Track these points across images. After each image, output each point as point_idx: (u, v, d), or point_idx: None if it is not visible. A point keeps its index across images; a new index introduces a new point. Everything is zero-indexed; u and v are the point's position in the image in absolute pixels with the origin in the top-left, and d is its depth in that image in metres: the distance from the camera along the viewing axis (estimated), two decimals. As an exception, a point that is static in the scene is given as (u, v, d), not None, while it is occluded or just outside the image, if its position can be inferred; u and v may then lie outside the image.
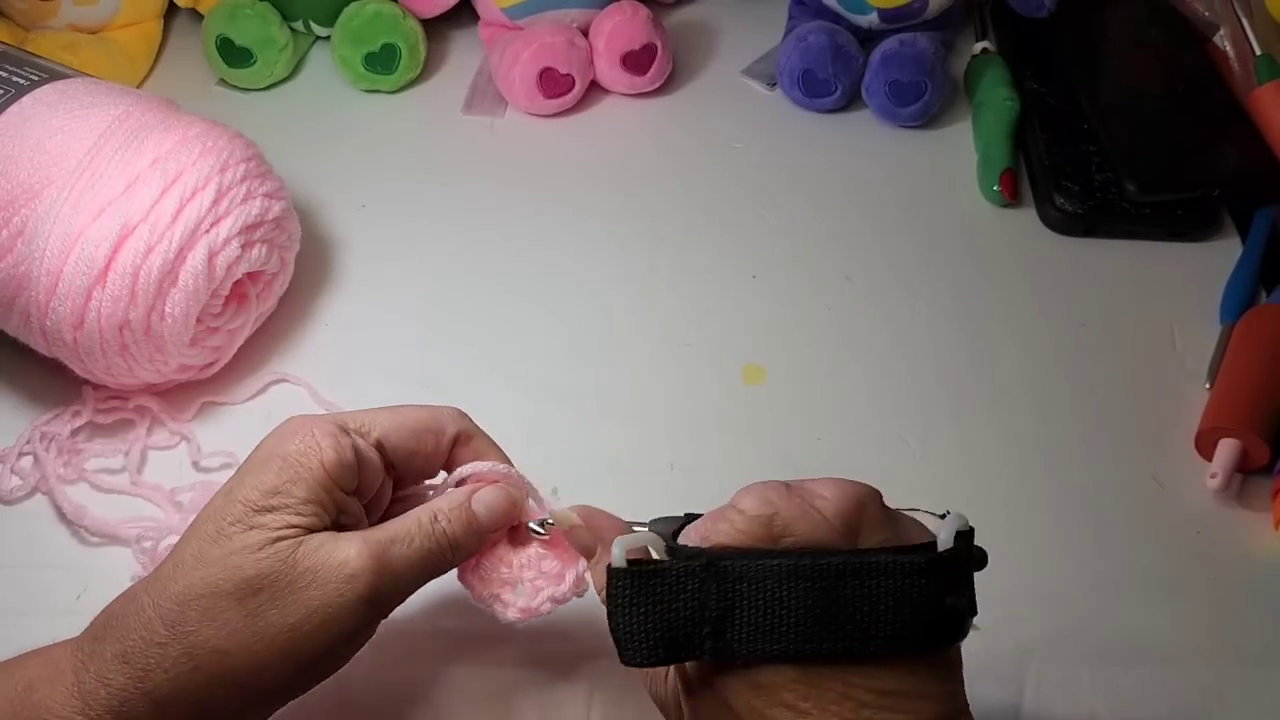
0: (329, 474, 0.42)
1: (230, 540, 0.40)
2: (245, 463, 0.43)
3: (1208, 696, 0.52)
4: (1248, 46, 0.74)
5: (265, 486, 0.41)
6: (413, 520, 0.43)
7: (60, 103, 0.57)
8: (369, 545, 0.41)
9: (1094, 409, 0.62)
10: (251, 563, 0.40)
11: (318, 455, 0.42)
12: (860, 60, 0.75)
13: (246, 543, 0.40)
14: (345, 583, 0.40)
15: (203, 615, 0.40)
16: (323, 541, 0.41)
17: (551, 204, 0.71)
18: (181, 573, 0.40)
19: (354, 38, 0.75)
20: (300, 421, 0.43)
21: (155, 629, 0.40)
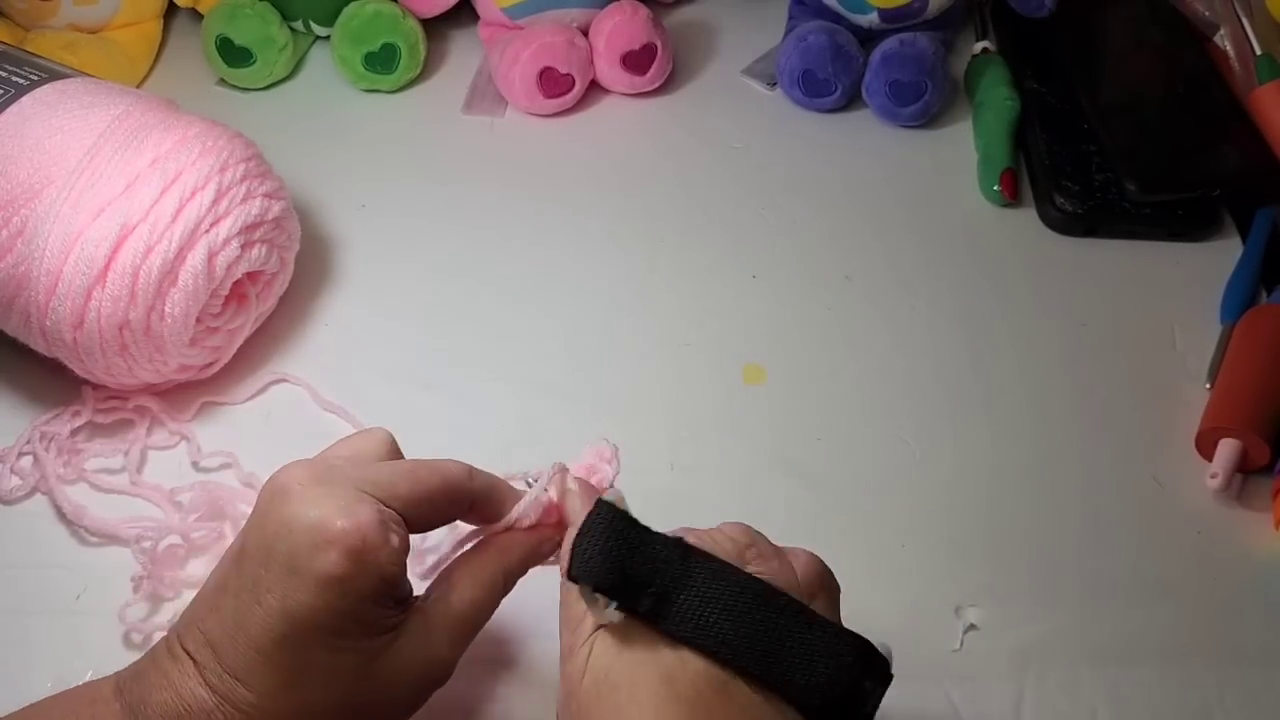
0: (389, 585, 0.41)
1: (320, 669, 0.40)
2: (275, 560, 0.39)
3: (1208, 696, 0.52)
4: (1248, 46, 0.74)
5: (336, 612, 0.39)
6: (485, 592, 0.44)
7: (60, 103, 0.57)
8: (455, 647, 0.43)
9: (1094, 409, 0.62)
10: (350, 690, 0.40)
11: (378, 572, 0.40)
12: (860, 60, 0.75)
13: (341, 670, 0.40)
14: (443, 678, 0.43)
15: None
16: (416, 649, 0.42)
17: (551, 204, 0.71)
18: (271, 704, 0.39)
19: (354, 37, 0.75)
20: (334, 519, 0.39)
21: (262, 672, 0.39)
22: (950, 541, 0.57)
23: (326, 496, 0.40)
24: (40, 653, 0.51)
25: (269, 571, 0.39)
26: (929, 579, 0.55)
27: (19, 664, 0.49)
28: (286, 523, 0.39)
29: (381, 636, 0.41)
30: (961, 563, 0.56)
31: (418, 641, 0.42)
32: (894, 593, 0.54)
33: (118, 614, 0.51)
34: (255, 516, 0.41)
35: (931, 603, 0.54)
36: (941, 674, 0.52)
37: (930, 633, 0.53)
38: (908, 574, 0.55)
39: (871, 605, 0.43)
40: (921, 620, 0.53)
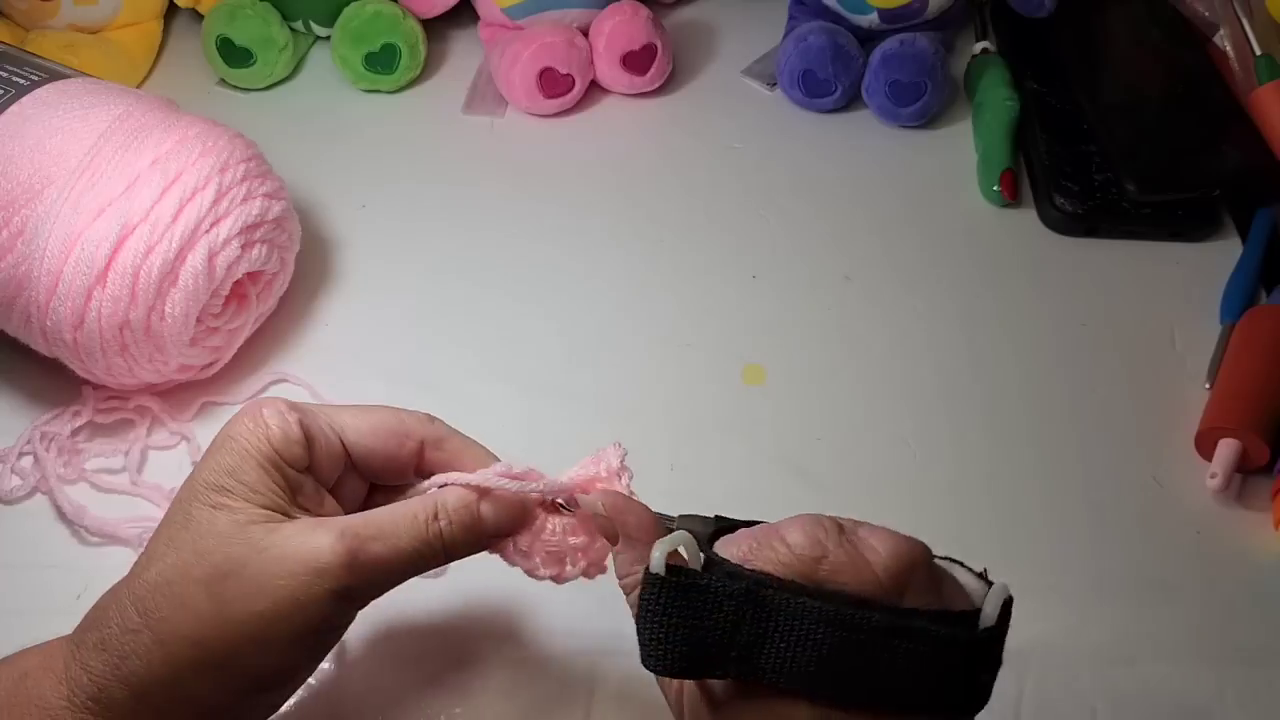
0: (276, 450, 0.41)
1: (198, 524, 0.40)
2: (208, 448, 0.42)
3: (1208, 696, 0.52)
4: (1248, 47, 0.74)
5: (220, 467, 0.41)
6: (405, 514, 0.41)
7: (60, 103, 0.57)
8: (345, 539, 0.39)
9: (1094, 409, 0.62)
10: (218, 548, 0.39)
11: (264, 432, 0.41)
12: (860, 60, 0.75)
13: (215, 527, 0.40)
14: (315, 575, 0.39)
15: (172, 601, 0.39)
16: (298, 530, 0.40)
17: (551, 204, 0.71)
18: (154, 559, 0.40)
19: (354, 38, 0.75)
20: (253, 403, 0.42)
21: (129, 616, 0.39)
22: (950, 541, 0.56)
23: (268, 400, 0.43)
24: (40, 653, 0.51)
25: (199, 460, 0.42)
26: (929, 579, 0.55)
27: (19, 664, 0.49)
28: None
29: (261, 509, 0.40)
30: (961, 563, 0.56)
31: (305, 524, 0.40)
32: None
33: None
34: None
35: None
36: (941, 674, 0.52)
37: (930, 633, 0.53)
38: (908, 574, 0.55)
39: (871, 605, 0.43)
40: (921, 620, 0.53)
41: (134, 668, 0.39)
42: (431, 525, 0.41)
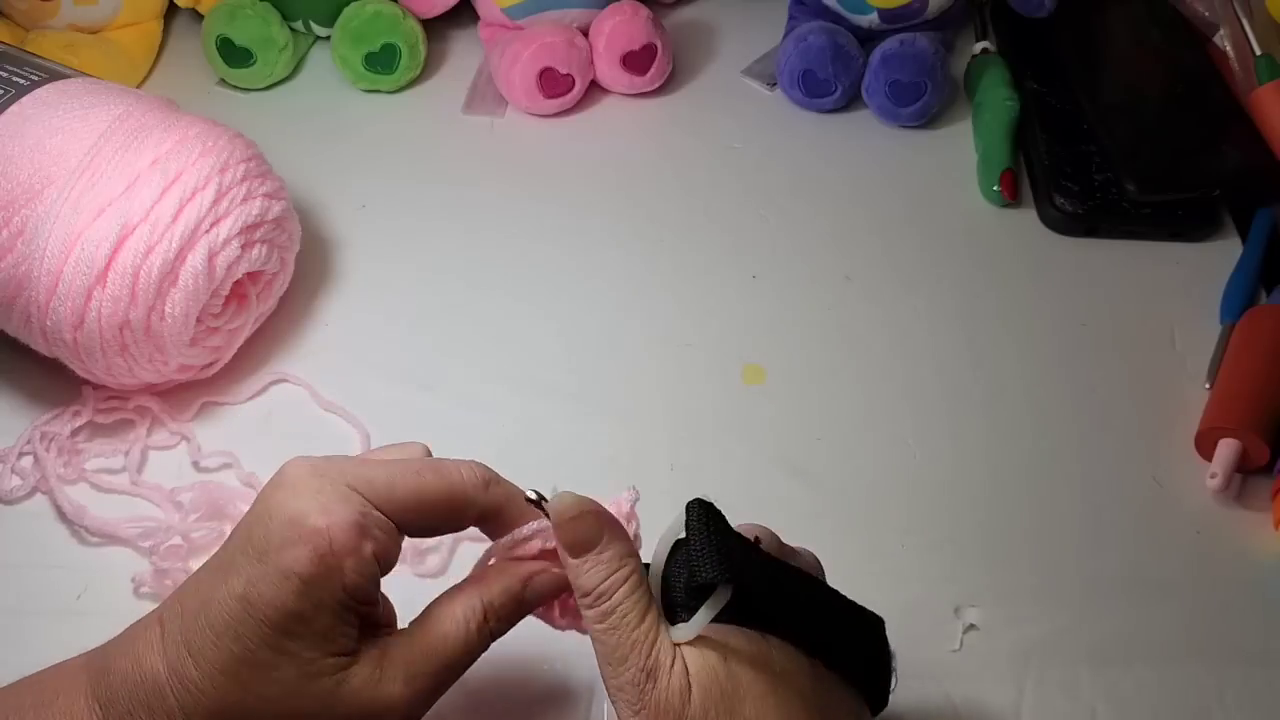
0: (352, 597, 0.39)
1: (264, 667, 0.38)
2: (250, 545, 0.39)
3: (1208, 696, 0.52)
4: (1248, 47, 0.74)
5: (288, 610, 0.38)
6: (455, 631, 0.41)
7: (60, 103, 0.57)
8: (412, 685, 0.39)
9: (1094, 409, 0.62)
10: (286, 698, 0.38)
11: (339, 579, 0.38)
12: (860, 60, 0.75)
13: (281, 674, 0.38)
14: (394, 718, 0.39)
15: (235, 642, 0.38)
16: (366, 682, 0.39)
17: (551, 204, 0.71)
18: (212, 688, 0.38)
19: (354, 37, 0.75)
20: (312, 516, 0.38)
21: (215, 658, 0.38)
22: (950, 541, 0.57)
23: (314, 490, 0.39)
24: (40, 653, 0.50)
25: (243, 555, 0.39)
26: (929, 579, 0.55)
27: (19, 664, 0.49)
28: (270, 509, 0.39)
29: (331, 657, 0.39)
30: (961, 563, 0.56)
31: (368, 673, 0.39)
32: (894, 593, 0.53)
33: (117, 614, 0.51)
34: (254, 501, 0.40)
35: (931, 603, 0.54)
36: (941, 674, 0.52)
37: (930, 633, 0.53)
38: (908, 574, 0.55)
39: (871, 605, 0.43)
40: (921, 620, 0.53)
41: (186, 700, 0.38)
42: (482, 629, 0.41)
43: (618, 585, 0.39)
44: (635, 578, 0.39)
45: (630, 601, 0.39)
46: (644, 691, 0.38)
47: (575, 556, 0.40)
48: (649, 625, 0.38)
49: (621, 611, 0.39)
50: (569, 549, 0.40)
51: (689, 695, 0.37)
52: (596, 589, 0.39)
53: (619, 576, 0.39)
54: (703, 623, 0.38)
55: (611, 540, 0.40)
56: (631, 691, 0.38)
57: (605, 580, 0.39)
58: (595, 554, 0.40)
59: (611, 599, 0.39)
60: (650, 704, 0.37)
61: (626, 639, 0.38)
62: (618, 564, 0.39)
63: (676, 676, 0.38)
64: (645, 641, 0.38)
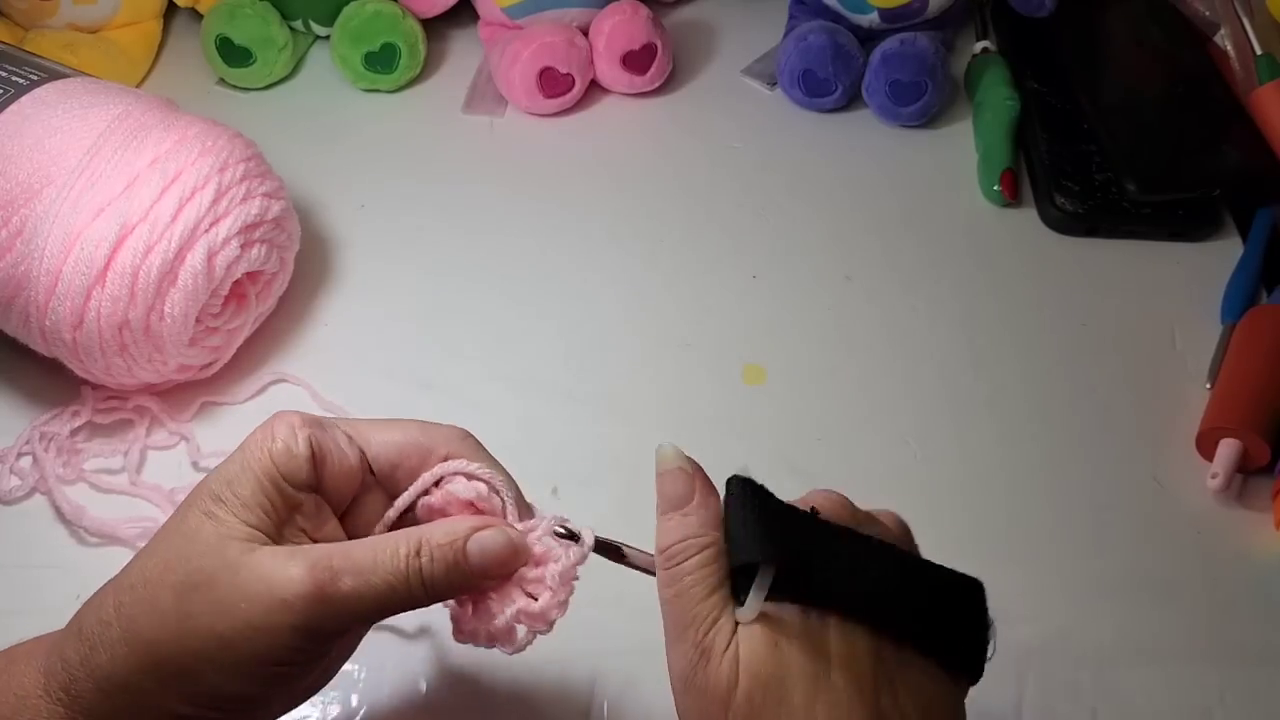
0: (276, 465, 0.39)
1: (188, 528, 0.39)
2: None
3: (1208, 696, 0.52)
4: (1248, 46, 0.74)
5: (223, 475, 0.40)
6: (385, 548, 0.39)
7: (60, 103, 0.57)
8: (315, 571, 0.37)
9: (1094, 409, 0.62)
10: (195, 557, 0.38)
11: (268, 446, 0.40)
12: (860, 60, 0.75)
13: (200, 535, 0.38)
14: (278, 605, 0.37)
15: (142, 600, 0.38)
16: (273, 555, 0.38)
17: (551, 204, 0.71)
18: (143, 554, 0.39)
19: (354, 37, 0.75)
20: (274, 415, 0.41)
21: (106, 608, 0.39)
22: (950, 541, 0.56)
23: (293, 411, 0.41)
24: (40, 653, 0.51)
25: None
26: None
27: (18, 664, 0.49)
28: None
29: (251, 529, 0.39)
30: (962, 563, 0.56)
31: (281, 551, 0.38)
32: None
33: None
34: None
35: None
36: (942, 674, 0.52)
37: (930, 633, 0.53)
38: (908, 574, 0.55)
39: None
40: (922, 620, 0.53)
41: (100, 662, 0.38)
42: (412, 561, 0.39)
43: (691, 552, 0.39)
44: (711, 551, 0.39)
45: (700, 574, 0.38)
46: (695, 670, 0.37)
47: (662, 513, 0.40)
48: (714, 603, 0.38)
49: (690, 581, 0.38)
50: (660, 502, 0.40)
51: (736, 681, 0.37)
52: (670, 548, 0.39)
53: (695, 543, 0.39)
54: (757, 605, 0.37)
55: (700, 507, 0.40)
56: (685, 667, 0.37)
57: (680, 542, 0.39)
58: (680, 514, 0.39)
59: (683, 565, 0.38)
60: (699, 683, 0.37)
61: (688, 611, 0.38)
62: (698, 530, 0.39)
63: (728, 661, 0.37)
64: (707, 618, 0.38)
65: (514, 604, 0.41)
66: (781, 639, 0.37)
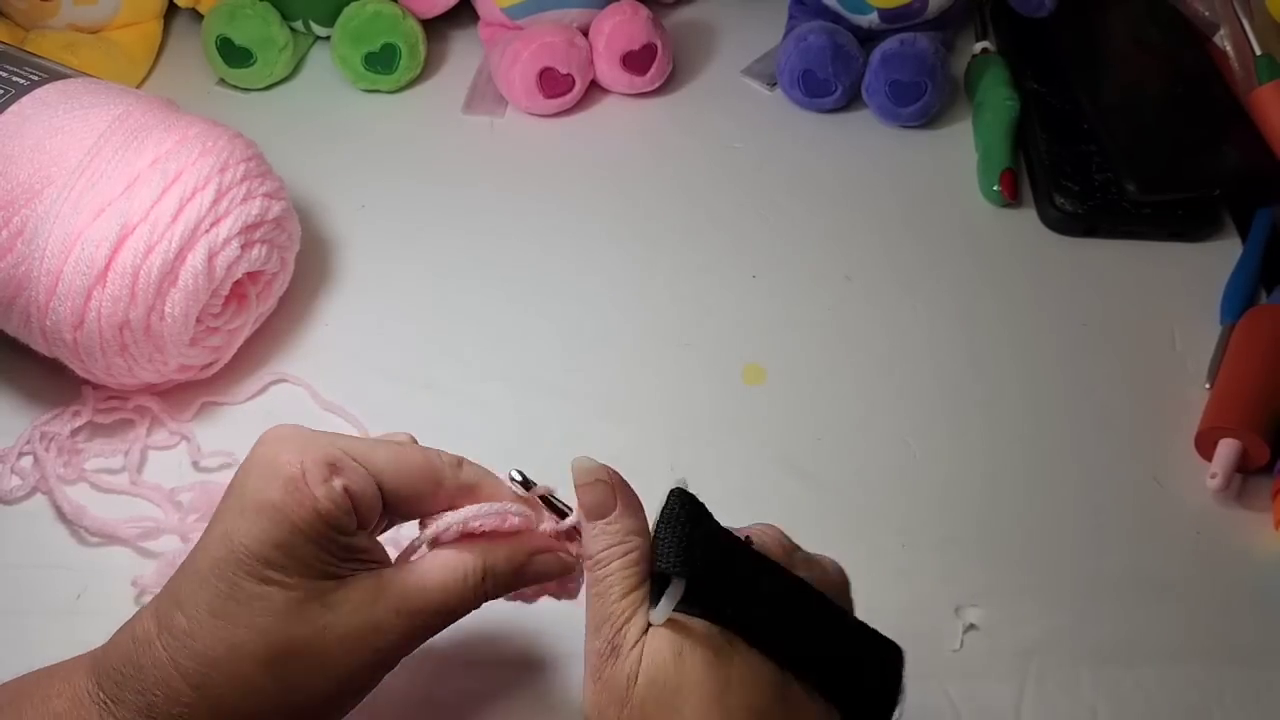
0: (327, 524, 0.39)
1: (249, 598, 0.38)
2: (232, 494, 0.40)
3: (1208, 696, 0.52)
4: (1248, 46, 0.74)
5: (267, 539, 0.39)
6: (456, 579, 0.42)
7: (60, 103, 0.57)
8: (403, 616, 0.40)
9: (1094, 409, 0.62)
10: (278, 626, 0.38)
11: (311, 504, 0.39)
12: (860, 60, 0.75)
13: (270, 604, 0.38)
14: (377, 653, 0.40)
15: (231, 680, 0.38)
16: (358, 606, 0.40)
17: (551, 204, 0.71)
18: (199, 630, 0.38)
19: (354, 37, 0.75)
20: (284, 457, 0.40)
21: (179, 689, 0.38)
22: (950, 541, 0.57)
23: (292, 438, 0.41)
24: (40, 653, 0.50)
25: (224, 505, 0.40)
26: (929, 579, 0.55)
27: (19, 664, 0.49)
28: (250, 462, 0.41)
29: (319, 580, 0.39)
30: (961, 563, 0.56)
31: (362, 598, 0.40)
32: (894, 593, 0.54)
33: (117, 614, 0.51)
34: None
35: (931, 603, 0.54)
36: (941, 674, 0.52)
37: (930, 633, 0.53)
38: (908, 574, 0.55)
39: (871, 605, 0.43)
40: (921, 620, 0.53)
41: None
42: (479, 589, 0.42)
43: (614, 557, 0.41)
44: (634, 555, 0.41)
45: (619, 575, 0.40)
46: (604, 664, 0.39)
47: (590, 520, 0.42)
48: (629, 602, 0.40)
49: (610, 582, 0.40)
50: (585, 512, 0.42)
51: (634, 681, 0.38)
52: (596, 555, 0.41)
53: (618, 549, 0.41)
54: (666, 611, 0.39)
55: (622, 515, 0.41)
56: (596, 661, 0.40)
57: (605, 549, 0.41)
58: (605, 523, 0.41)
59: (606, 568, 0.41)
60: (605, 679, 0.39)
61: (605, 609, 0.40)
62: (620, 538, 0.41)
63: (631, 661, 0.39)
64: (620, 616, 0.39)
65: None
66: (686, 649, 0.39)
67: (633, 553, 0.41)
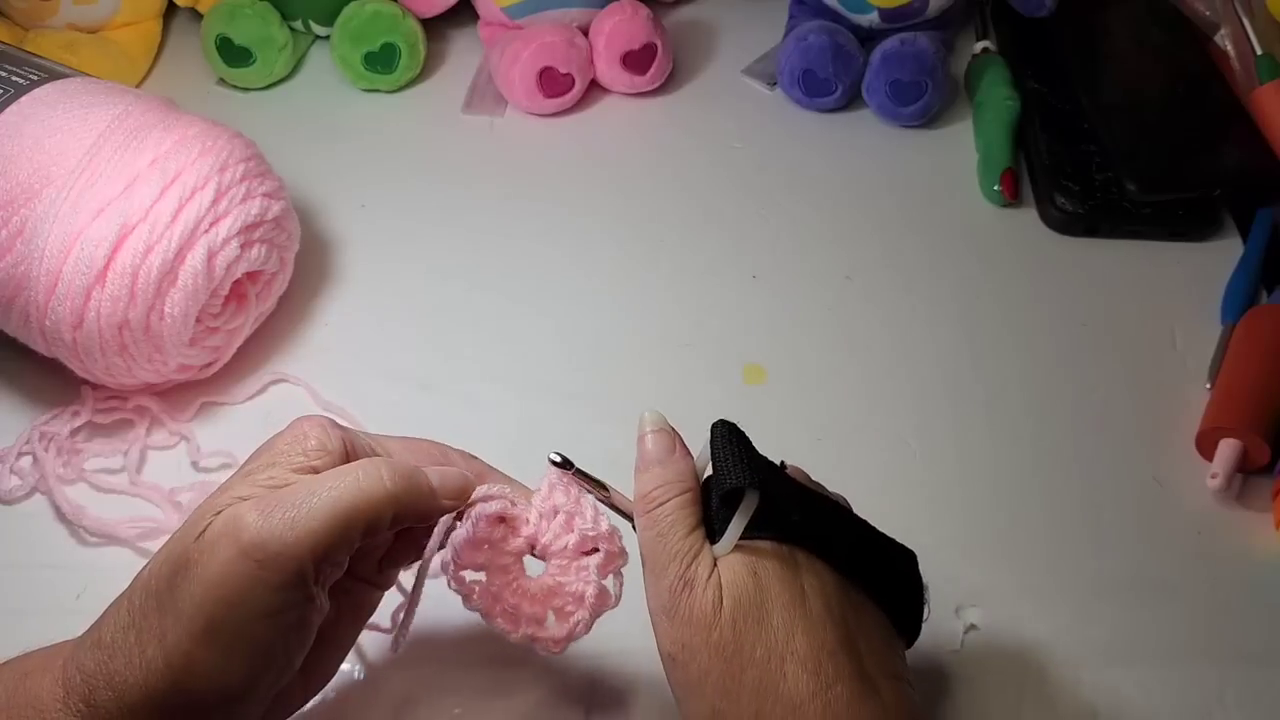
0: (308, 457, 0.41)
1: (191, 527, 0.39)
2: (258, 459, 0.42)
3: (1208, 696, 0.52)
4: (1249, 46, 0.74)
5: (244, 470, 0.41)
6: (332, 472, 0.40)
7: (60, 102, 0.57)
8: (261, 503, 0.38)
9: (1094, 409, 0.62)
10: (176, 540, 0.39)
11: (301, 444, 0.41)
12: (860, 60, 0.75)
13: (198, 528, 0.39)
14: (238, 552, 0.37)
15: (147, 599, 0.38)
16: (235, 513, 0.38)
17: (551, 204, 0.71)
18: (154, 561, 0.40)
19: (354, 37, 0.75)
20: (299, 419, 0.42)
21: (122, 612, 0.39)
22: (950, 541, 0.57)
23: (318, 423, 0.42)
24: (40, 653, 0.51)
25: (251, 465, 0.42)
26: (929, 579, 0.55)
27: (18, 664, 0.50)
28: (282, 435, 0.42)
29: None
30: (961, 563, 0.56)
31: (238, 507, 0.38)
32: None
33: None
34: None
35: (932, 603, 0.54)
36: (941, 674, 0.52)
37: (930, 633, 0.53)
38: (908, 574, 0.55)
39: (871, 605, 0.43)
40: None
41: (118, 668, 0.38)
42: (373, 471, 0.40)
43: (671, 495, 0.42)
44: (689, 495, 0.42)
45: (679, 514, 0.42)
46: (679, 599, 0.40)
47: (643, 468, 0.43)
48: (694, 539, 0.41)
49: (670, 521, 0.41)
50: (640, 459, 0.44)
51: (720, 605, 0.40)
52: (651, 492, 0.42)
53: (675, 488, 0.42)
54: (737, 532, 0.41)
55: (679, 461, 0.43)
56: (669, 598, 0.40)
57: (660, 486, 0.42)
58: (659, 465, 0.43)
59: (663, 506, 0.42)
60: (684, 611, 0.40)
61: (670, 548, 0.41)
62: (676, 478, 0.42)
63: (711, 588, 0.40)
64: (688, 553, 0.41)
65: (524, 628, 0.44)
66: (760, 568, 0.41)
67: (688, 493, 0.42)
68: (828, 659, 0.39)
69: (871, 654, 0.41)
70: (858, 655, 0.40)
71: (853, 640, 0.41)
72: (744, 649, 0.39)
